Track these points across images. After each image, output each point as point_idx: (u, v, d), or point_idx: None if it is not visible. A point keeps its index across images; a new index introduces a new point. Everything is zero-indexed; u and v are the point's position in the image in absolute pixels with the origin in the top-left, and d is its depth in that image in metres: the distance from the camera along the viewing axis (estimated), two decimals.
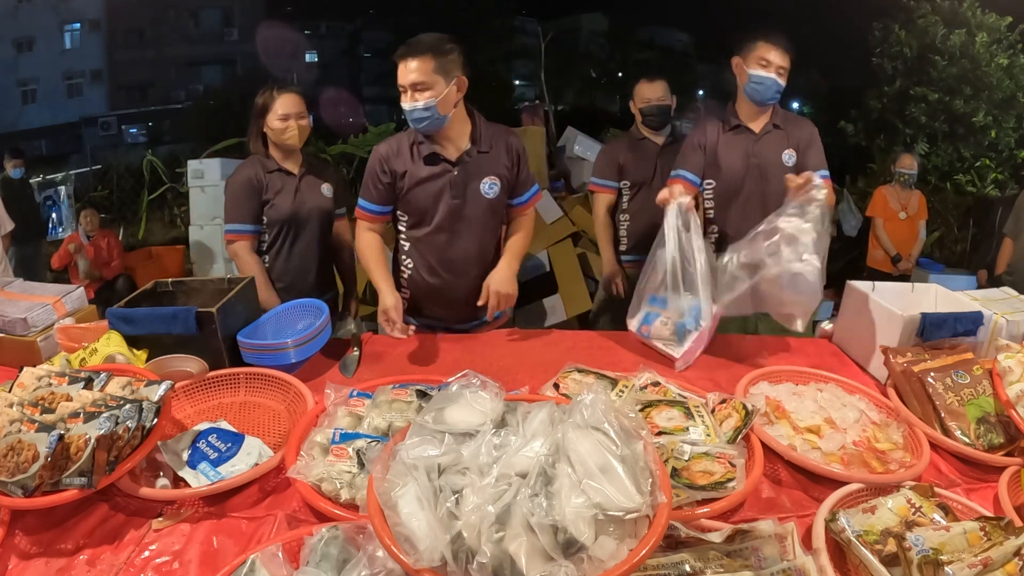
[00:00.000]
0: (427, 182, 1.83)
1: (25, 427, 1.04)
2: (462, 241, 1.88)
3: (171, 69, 19.75)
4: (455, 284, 1.91)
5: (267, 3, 19.98)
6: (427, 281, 1.93)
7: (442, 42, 1.72)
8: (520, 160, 1.93)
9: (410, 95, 1.72)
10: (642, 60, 22.93)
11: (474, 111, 1.88)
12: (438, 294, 1.94)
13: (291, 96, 2.05)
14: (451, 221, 1.86)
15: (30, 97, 17.86)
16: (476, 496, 0.75)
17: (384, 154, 1.86)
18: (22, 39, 17.57)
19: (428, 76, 1.70)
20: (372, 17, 20.81)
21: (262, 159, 2.11)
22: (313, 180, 2.16)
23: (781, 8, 16.08)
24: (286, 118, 2.04)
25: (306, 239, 2.14)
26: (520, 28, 21.60)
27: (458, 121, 1.82)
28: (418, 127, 1.78)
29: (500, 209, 1.95)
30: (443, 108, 1.73)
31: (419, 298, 1.97)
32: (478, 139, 1.85)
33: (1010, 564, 0.88)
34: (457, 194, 1.84)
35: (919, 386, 1.38)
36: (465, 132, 1.85)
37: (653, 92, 2.81)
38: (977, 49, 6.47)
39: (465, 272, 1.90)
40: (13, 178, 5.23)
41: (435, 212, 1.85)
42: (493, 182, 1.86)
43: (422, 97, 1.71)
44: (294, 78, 9.38)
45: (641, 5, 22.77)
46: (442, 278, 1.91)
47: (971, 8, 6.67)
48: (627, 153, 2.89)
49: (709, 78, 24.53)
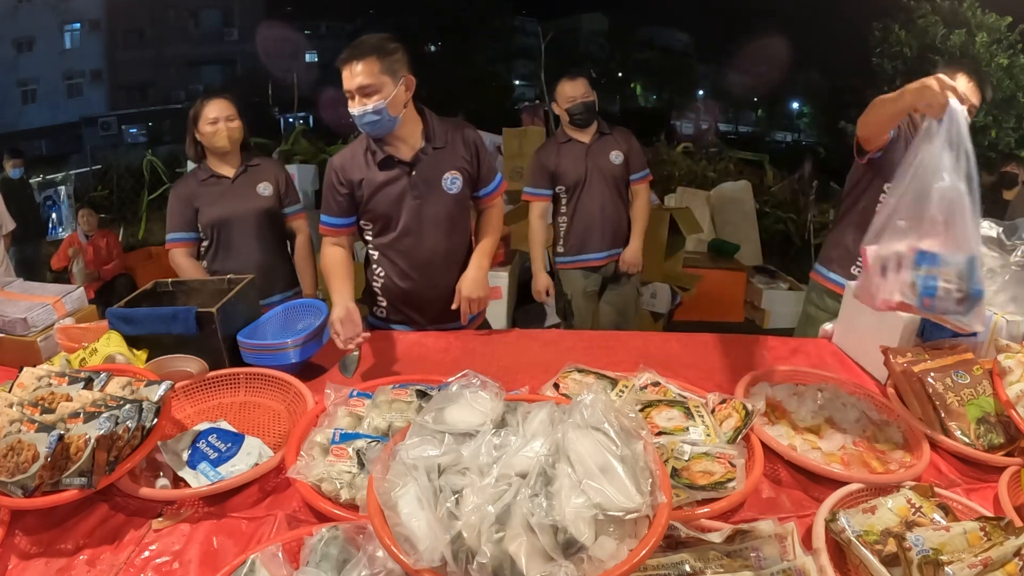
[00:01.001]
0: (386, 187, 1.81)
1: (25, 427, 1.04)
2: (430, 241, 1.86)
3: (171, 69, 19.76)
4: (429, 285, 1.90)
5: (267, 3, 20.00)
6: (400, 286, 1.92)
7: (386, 42, 1.69)
8: (479, 151, 1.90)
9: (358, 100, 1.69)
10: (642, 60, 22.97)
11: (424, 108, 1.85)
12: (413, 298, 1.92)
13: (219, 101, 2.17)
14: (416, 223, 1.84)
15: (30, 97, 17.87)
16: (476, 496, 0.75)
17: (339, 165, 1.84)
18: (22, 39, 17.58)
19: (375, 78, 1.67)
20: (372, 17, 20.83)
21: (196, 170, 2.27)
22: (248, 181, 2.26)
23: (781, 8, 16.10)
24: (215, 122, 2.16)
25: (243, 240, 2.22)
26: (520, 28, 21.64)
27: (409, 121, 1.79)
28: (369, 131, 1.75)
29: (465, 203, 1.92)
30: (393, 109, 1.71)
31: (395, 304, 1.96)
32: (432, 136, 1.82)
33: (1010, 564, 0.88)
34: (418, 194, 1.82)
35: (919, 386, 1.37)
36: (417, 131, 1.82)
37: (576, 90, 2.79)
38: (977, 49, 6.48)
39: (437, 272, 1.89)
40: (13, 178, 5.23)
41: (399, 216, 1.83)
42: (455, 177, 1.84)
43: (370, 101, 1.68)
44: (294, 78, 9.37)
45: (641, 5, 22.78)
46: (414, 281, 1.90)
47: (971, 8, 6.68)
48: (557, 158, 2.88)
49: (709, 78, 24.58)
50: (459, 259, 1.91)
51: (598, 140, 2.86)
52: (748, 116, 25.26)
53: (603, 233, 2.92)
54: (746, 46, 17.20)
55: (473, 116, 10.84)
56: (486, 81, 19.06)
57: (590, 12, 22.81)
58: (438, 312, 1.93)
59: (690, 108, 20.69)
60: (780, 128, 23.22)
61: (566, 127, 2.90)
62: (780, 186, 7.71)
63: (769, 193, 7.59)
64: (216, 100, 2.17)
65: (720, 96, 22.10)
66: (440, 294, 1.89)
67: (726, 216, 6.30)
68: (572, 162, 2.86)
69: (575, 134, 2.88)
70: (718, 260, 5.34)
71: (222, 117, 2.15)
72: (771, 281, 5.30)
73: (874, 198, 1.97)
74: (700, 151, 8.73)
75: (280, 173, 2.36)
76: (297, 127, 7.64)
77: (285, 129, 11.23)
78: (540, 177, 2.91)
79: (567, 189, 2.90)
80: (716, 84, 23.18)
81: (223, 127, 2.16)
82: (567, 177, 2.87)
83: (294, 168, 5.66)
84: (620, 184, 2.91)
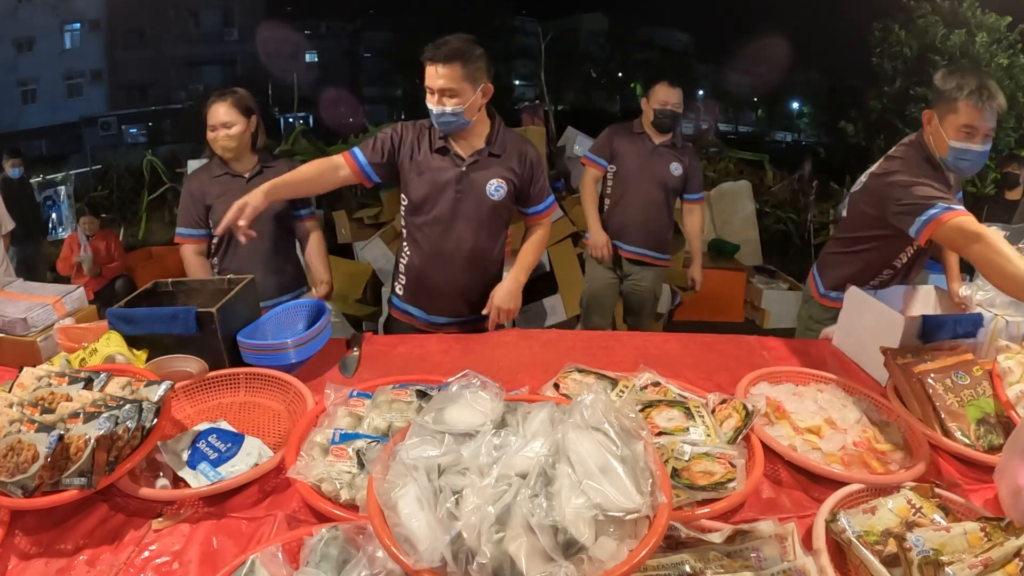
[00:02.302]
0: (435, 171, 1.87)
1: (25, 427, 1.04)
2: (457, 236, 1.91)
3: (171, 69, 19.76)
4: (445, 277, 1.95)
5: (267, 3, 20.00)
6: (419, 269, 1.97)
7: (471, 48, 1.75)
8: (534, 169, 1.96)
9: (438, 99, 1.77)
10: (642, 60, 22.95)
11: (496, 115, 1.93)
12: (429, 284, 1.97)
13: (219, 106, 2.10)
14: (450, 215, 1.89)
15: (30, 97, 17.86)
16: (476, 496, 0.75)
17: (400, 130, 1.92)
18: (22, 39, 17.57)
19: (457, 83, 1.74)
20: (372, 17, 20.83)
21: (210, 164, 2.22)
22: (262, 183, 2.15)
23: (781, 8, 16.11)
24: (213, 129, 2.11)
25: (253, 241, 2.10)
26: (520, 28, 21.63)
27: (478, 123, 1.87)
28: (444, 129, 1.83)
29: (505, 214, 1.97)
30: (468, 113, 1.79)
31: (412, 286, 2.01)
32: (492, 141, 1.89)
33: (1010, 564, 0.88)
34: (461, 189, 1.87)
35: (919, 387, 1.37)
36: (483, 133, 1.89)
37: (671, 97, 2.89)
38: (977, 49, 6.48)
39: (457, 267, 1.93)
40: (12, 178, 5.23)
41: (436, 202, 1.89)
42: (500, 184, 1.90)
43: (450, 103, 1.76)
44: (294, 78, 9.37)
45: (641, 5, 22.79)
46: (434, 268, 1.95)
47: (971, 8, 6.67)
48: (622, 140, 2.99)
49: (709, 78, 24.56)
50: (483, 262, 1.97)
51: (666, 147, 2.96)
52: (748, 116, 25.25)
53: (641, 230, 3.01)
54: (746, 46, 17.19)
55: None
56: None
57: (590, 12, 22.79)
58: (448, 305, 2.00)
59: (690, 108, 20.68)
60: (780, 128, 23.21)
61: (645, 123, 2.99)
62: (780, 186, 7.71)
63: (769, 193, 7.58)
64: (215, 105, 2.12)
65: (720, 96, 22.10)
66: (455, 289, 1.97)
67: (726, 216, 6.30)
68: (633, 152, 2.96)
69: (651, 132, 2.97)
70: (718, 260, 5.34)
71: (219, 124, 2.11)
72: (771, 281, 5.30)
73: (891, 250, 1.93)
74: (700, 151, 8.72)
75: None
76: (297, 127, 7.62)
77: (285, 129, 11.22)
78: (602, 148, 3.03)
79: (618, 173, 3.00)
80: (716, 84, 23.17)
81: (220, 135, 2.11)
82: (622, 163, 2.98)
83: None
84: (670, 194, 3.01)
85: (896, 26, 7.16)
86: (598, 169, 3.04)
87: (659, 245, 3.06)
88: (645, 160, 2.94)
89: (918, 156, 1.80)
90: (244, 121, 2.13)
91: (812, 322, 2.18)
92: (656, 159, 2.94)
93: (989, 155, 1.81)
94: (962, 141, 1.71)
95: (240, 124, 2.12)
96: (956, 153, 1.73)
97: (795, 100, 23.32)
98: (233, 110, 2.11)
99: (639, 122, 3.01)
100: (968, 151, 1.72)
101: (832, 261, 2.12)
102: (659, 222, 3.03)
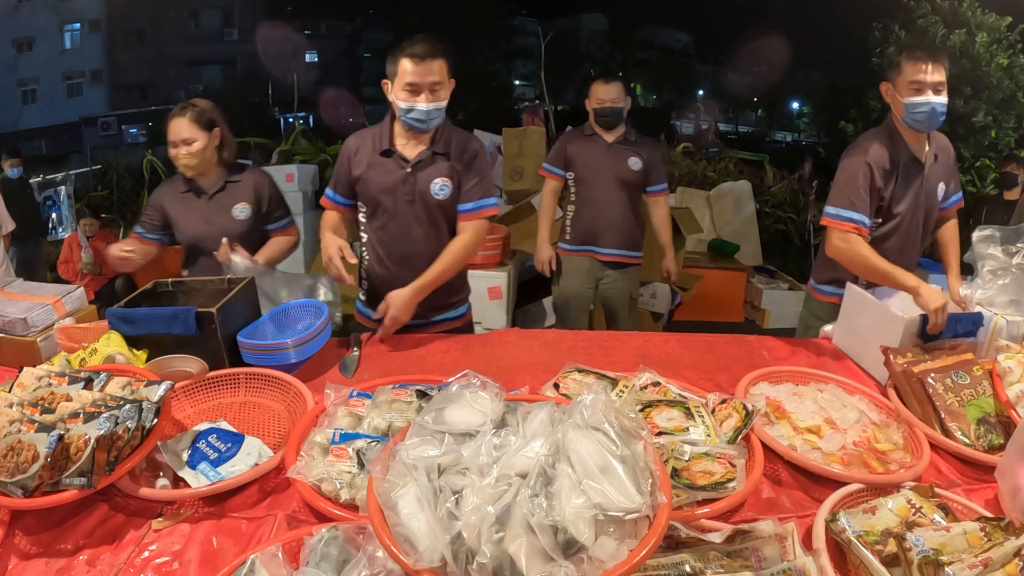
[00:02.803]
0: (382, 175, 1.89)
1: (25, 427, 1.04)
2: (411, 238, 1.92)
3: (171, 69, 19.75)
4: (403, 279, 1.88)
5: (267, 3, 20.00)
6: (379, 273, 1.99)
7: (445, 44, 1.77)
8: (473, 165, 1.89)
9: (426, 95, 1.76)
10: (642, 60, 22.96)
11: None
12: (388, 287, 1.92)
13: (178, 122, 1.98)
14: (400, 217, 1.91)
15: (30, 97, 17.87)
16: (476, 496, 0.75)
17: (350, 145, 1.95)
18: (22, 39, 17.58)
19: (444, 78, 1.77)
20: (372, 17, 20.82)
21: (176, 179, 2.12)
22: (225, 201, 2.08)
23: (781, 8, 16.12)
24: (174, 146, 2.00)
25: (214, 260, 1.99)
26: (520, 28, 21.63)
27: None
28: (423, 127, 1.81)
29: (451, 212, 1.93)
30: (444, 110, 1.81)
31: (374, 289, 2.01)
32: (438, 140, 1.88)
33: (1010, 564, 0.88)
34: (409, 190, 1.87)
35: (919, 387, 1.38)
36: (431, 132, 1.88)
37: (607, 93, 2.87)
38: (977, 49, 6.48)
39: (411, 268, 1.88)
40: (12, 178, 5.23)
41: (386, 206, 1.91)
42: (444, 183, 1.88)
43: (438, 98, 1.77)
44: (294, 78, 9.36)
45: (641, 5, 22.78)
46: (391, 271, 1.96)
47: (971, 8, 6.67)
48: (575, 145, 2.99)
49: (709, 78, 24.58)
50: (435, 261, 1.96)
51: (620, 143, 2.93)
52: (748, 116, 25.26)
53: (609, 231, 2.99)
54: (746, 46, 17.20)
55: (473, 116, 10.82)
56: (486, 81, 19.06)
57: (590, 12, 22.80)
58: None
59: (690, 108, 20.70)
60: (780, 128, 23.24)
61: (591, 123, 2.98)
62: (780, 186, 7.71)
63: (769, 193, 7.59)
64: (175, 120, 1.98)
65: (720, 96, 22.11)
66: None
67: (726, 216, 6.30)
68: (587, 155, 2.95)
69: (600, 132, 2.95)
70: (718, 260, 5.34)
71: (179, 141, 1.98)
72: (771, 281, 5.30)
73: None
74: (700, 151, 8.72)
75: (264, 188, 2.14)
76: (297, 127, 7.63)
77: (285, 129, 11.23)
78: (556, 156, 3.03)
79: (577, 179, 3.00)
80: (716, 84, 23.19)
81: (181, 153, 1.98)
82: (579, 167, 2.97)
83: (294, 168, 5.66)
84: (633, 190, 2.99)
85: (896, 26, 7.16)
86: (556, 179, 3.03)
87: (630, 243, 3.04)
88: (601, 160, 2.92)
89: (879, 130, 1.98)
90: (206, 136, 2.01)
91: (813, 319, 2.20)
92: (612, 157, 2.91)
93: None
94: (912, 96, 1.85)
95: (201, 140, 2.00)
96: (910, 108, 1.86)
97: (795, 100, 23.34)
98: (193, 125, 1.98)
99: (588, 125, 3.00)
100: (919, 103, 1.84)
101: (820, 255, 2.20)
102: (626, 220, 2.99)
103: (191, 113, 1.99)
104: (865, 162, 1.89)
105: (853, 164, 1.91)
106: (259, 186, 2.14)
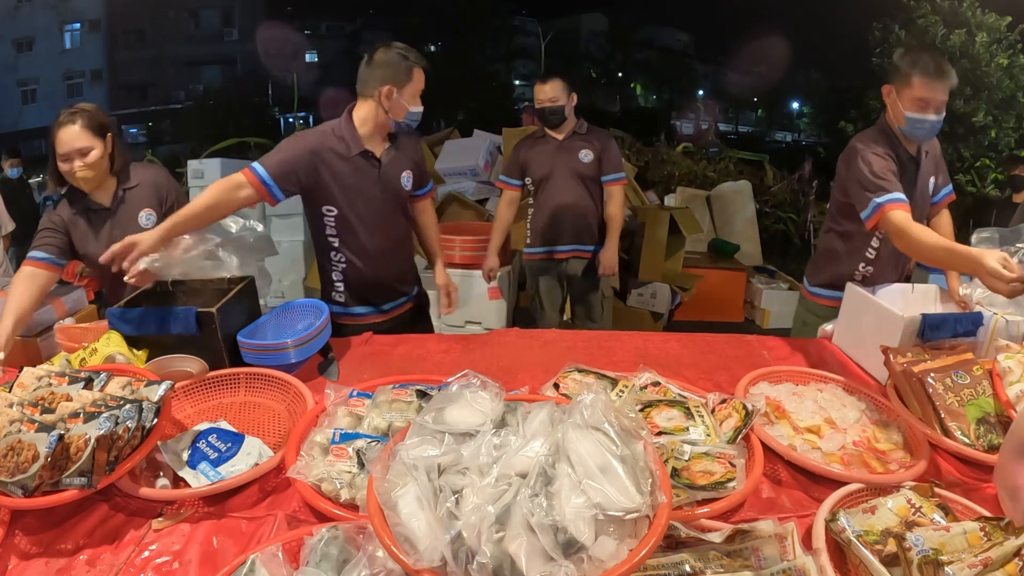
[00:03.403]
0: (359, 176, 1.92)
1: (25, 427, 1.04)
2: (387, 230, 2.01)
3: (171, 69, 19.78)
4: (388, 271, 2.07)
5: (267, 3, 20.02)
6: (363, 272, 2.02)
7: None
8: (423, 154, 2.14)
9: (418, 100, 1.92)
10: (642, 60, 22.98)
11: None
12: (374, 281, 2.05)
13: (69, 130, 1.72)
14: (378, 213, 1.97)
15: (30, 97, 17.89)
16: (476, 496, 0.75)
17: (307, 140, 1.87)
18: (22, 39, 17.60)
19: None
20: (372, 17, 20.84)
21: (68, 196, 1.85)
22: (128, 211, 1.87)
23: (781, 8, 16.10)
24: (67, 159, 1.74)
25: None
26: (520, 28, 21.66)
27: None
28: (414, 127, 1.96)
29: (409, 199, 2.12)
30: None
31: (357, 288, 2.05)
32: (395, 135, 1.99)
33: (1010, 564, 0.88)
34: (382, 187, 1.95)
35: (919, 386, 1.37)
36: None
37: (544, 93, 2.88)
38: (977, 49, 6.48)
39: (392, 258, 2.06)
40: (11, 177, 5.23)
41: (366, 205, 1.95)
42: (408, 175, 2.03)
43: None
44: (294, 78, 9.36)
45: (641, 5, 22.80)
46: (376, 267, 2.02)
47: (971, 8, 6.68)
48: (528, 151, 3.02)
49: (709, 78, 24.58)
50: (407, 248, 2.16)
51: (570, 139, 2.95)
52: (748, 116, 25.29)
53: (568, 228, 3.01)
54: (746, 46, 17.22)
55: (473, 116, 10.82)
56: (486, 81, 19.08)
57: (590, 12, 22.82)
58: (393, 291, 2.13)
59: (690, 108, 20.71)
60: (780, 128, 23.27)
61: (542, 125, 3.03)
62: (780, 186, 7.72)
63: (769, 193, 7.59)
64: (66, 129, 1.72)
65: (720, 96, 22.13)
66: (395, 277, 2.12)
67: (726, 216, 6.30)
68: (540, 157, 2.98)
69: (549, 131, 2.98)
70: (718, 260, 5.34)
71: (74, 153, 1.73)
72: (771, 281, 5.31)
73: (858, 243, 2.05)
74: (700, 151, 8.73)
75: (166, 188, 1.95)
76: (297, 127, 7.63)
77: (285, 129, 11.24)
78: (511, 166, 3.07)
79: (534, 182, 3.03)
80: (716, 84, 23.21)
81: (77, 166, 1.73)
82: (533, 170, 3.00)
83: None
84: (589, 182, 2.98)
85: (896, 26, 7.16)
86: (512, 190, 3.06)
87: (587, 238, 3.04)
88: (553, 158, 2.95)
89: (876, 131, 1.98)
90: (101, 143, 1.78)
91: (809, 315, 2.22)
92: (563, 153, 2.93)
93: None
94: (917, 112, 1.86)
95: (98, 148, 1.76)
96: (912, 123, 1.88)
97: (795, 100, 23.35)
98: (86, 133, 1.74)
99: (539, 128, 3.04)
100: (923, 120, 1.86)
101: (814, 258, 2.25)
102: (584, 215, 2.99)
103: (82, 119, 1.74)
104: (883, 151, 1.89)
105: (869, 155, 1.88)
106: (157, 183, 1.95)
